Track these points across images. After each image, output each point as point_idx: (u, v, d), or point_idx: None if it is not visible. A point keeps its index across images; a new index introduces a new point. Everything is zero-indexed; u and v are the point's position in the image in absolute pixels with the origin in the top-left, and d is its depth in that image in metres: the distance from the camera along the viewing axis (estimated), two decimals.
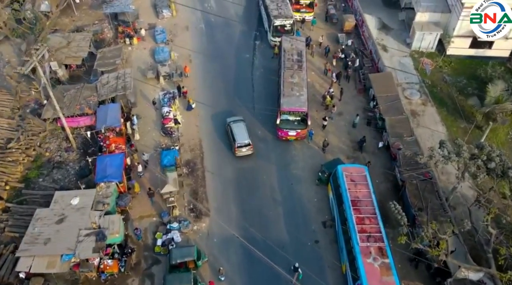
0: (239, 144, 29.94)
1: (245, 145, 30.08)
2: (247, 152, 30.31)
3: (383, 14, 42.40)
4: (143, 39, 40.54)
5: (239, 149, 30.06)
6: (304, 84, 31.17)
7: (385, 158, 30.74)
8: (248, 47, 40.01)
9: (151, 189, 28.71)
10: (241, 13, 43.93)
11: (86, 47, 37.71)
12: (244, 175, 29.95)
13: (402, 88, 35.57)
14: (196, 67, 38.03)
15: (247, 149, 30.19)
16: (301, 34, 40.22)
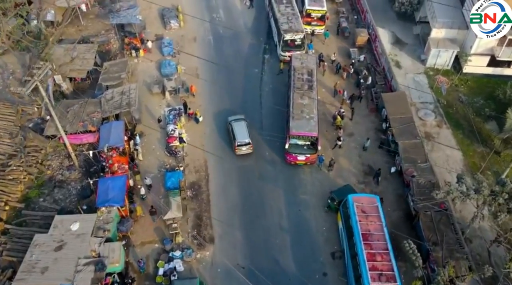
0: (239, 142, 30.30)
1: (245, 144, 30.40)
2: (247, 150, 30.66)
3: (396, 28, 41.06)
4: (150, 51, 39.57)
5: (239, 148, 30.45)
6: (314, 106, 29.98)
7: (397, 183, 29.50)
8: (257, 61, 38.87)
9: (153, 207, 27.90)
10: (250, 25, 42.77)
11: (91, 59, 36.83)
12: (251, 199, 28.90)
13: (416, 108, 34.23)
14: (202, 82, 36.98)
15: (247, 148, 30.55)
16: (313, 46, 39.06)
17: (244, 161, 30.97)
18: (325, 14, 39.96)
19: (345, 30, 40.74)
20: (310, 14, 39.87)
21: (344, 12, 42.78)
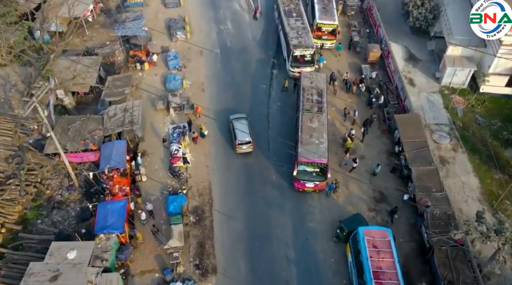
0: (239, 141, 30.49)
1: (246, 143, 30.55)
2: (247, 149, 30.84)
3: (410, 43, 39.57)
4: (155, 64, 38.48)
5: (239, 146, 30.64)
6: (324, 129, 28.61)
7: (410, 212, 28.05)
8: (265, 77, 37.60)
9: (154, 226, 27.01)
10: (259, 37, 41.52)
11: (95, 72, 35.84)
12: (256, 226, 27.63)
13: (430, 130, 32.75)
14: (208, 98, 35.83)
15: (248, 146, 30.70)
16: (324, 59, 37.75)
17: (250, 185, 29.72)
18: (337, 28, 38.56)
19: (357, 45, 39.32)
20: (320, 28, 38.51)
21: (356, 26, 41.35)
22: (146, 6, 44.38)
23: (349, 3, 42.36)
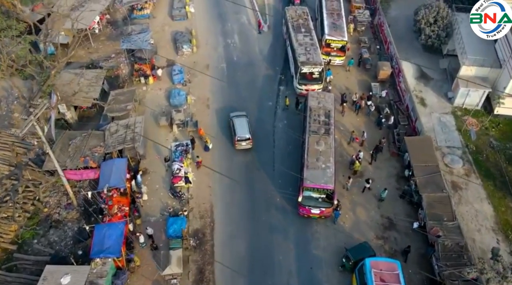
0: (239, 137, 30.97)
1: (245, 139, 31.07)
2: (247, 146, 31.34)
3: (422, 60, 38.40)
4: (159, 78, 37.74)
5: (239, 143, 31.17)
6: (331, 153, 27.49)
7: (420, 241, 26.74)
8: (272, 93, 36.67)
9: (154, 242, 26.39)
10: (266, 52, 40.67)
11: (99, 86, 35.22)
12: (259, 252, 26.52)
13: (442, 153, 31.50)
14: (213, 114, 34.97)
15: (247, 143, 31.21)
16: (331, 73, 36.84)
17: (253, 208, 28.68)
18: (346, 44, 37.57)
19: (366, 62, 38.28)
20: (329, 44, 37.56)
21: (366, 42, 40.32)
22: (153, 18, 43.88)
23: (359, 19, 41.42)
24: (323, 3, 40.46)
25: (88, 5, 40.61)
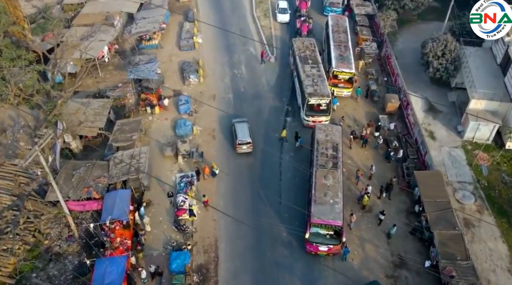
0: (240, 141, 32.61)
1: (246, 143, 32.66)
2: (247, 149, 32.90)
3: (430, 93, 38.18)
4: (166, 108, 37.63)
5: (239, 146, 32.73)
6: (339, 187, 26.84)
7: (432, 281, 25.64)
8: (278, 124, 36.34)
9: (159, 267, 25.64)
10: (273, 82, 40.63)
11: (105, 116, 35.11)
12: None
13: (453, 188, 30.76)
14: (218, 145, 34.60)
15: (247, 147, 32.79)
16: (337, 101, 36.80)
17: (259, 243, 27.86)
18: (353, 76, 37.46)
19: (374, 94, 38.04)
20: (337, 76, 37.47)
21: (373, 74, 40.23)
22: (160, 48, 44.21)
23: (366, 51, 41.48)
24: (330, 35, 40.65)
25: (97, 36, 41.10)
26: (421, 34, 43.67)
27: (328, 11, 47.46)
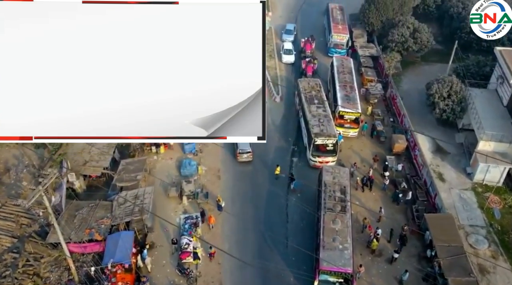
0: (240, 150, 34.86)
1: (246, 152, 34.97)
2: (247, 158, 35.18)
3: (437, 134, 37.86)
4: (171, 147, 37.40)
5: (240, 155, 35.05)
6: (348, 232, 26.06)
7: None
8: (284, 165, 35.87)
9: None
10: (279, 122, 40.59)
11: (109, 155, 34.85)
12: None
13: (465, 232, 29.88)
14: (224, 185, 34.08)
15: (247, 156, 35.08)
16: (342, 137, 36.68)
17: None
18: (359, 116, 37.42)
19: (380, 134, 37.84)
20: (343, 116, 37.44)
21: (379, 114, 40.21)
22: None
23: (371, 91, 41.66)
24: (335, 76, 41.00)
25: None
26: (425, 75, 44.00)
27: (332, 52, 48.14)
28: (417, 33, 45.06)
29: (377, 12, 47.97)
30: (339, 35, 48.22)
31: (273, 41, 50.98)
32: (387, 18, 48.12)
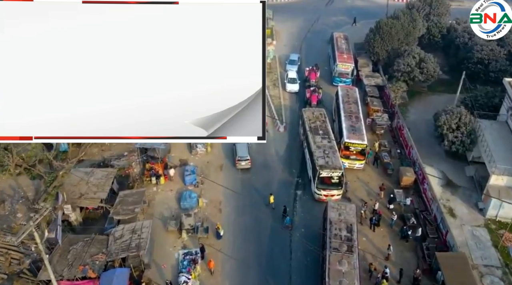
0: (239, 157, 36.24)
1: (245, 159, 36.34)
2: (246, 165, 36.46)
3: (446, 167, 36.67)
4: (171, 178, 36.29)
5: (239, 162, 36.38)
6: (355, 275, 24.43)
7: None
8: (288, 198, 34.66)
9: None
10: (283, 153, 39.54)
11: (108, 186, 33.74)
12: None
13: (480, 273, 28.24)
14: (225, 219, 32.72)
15: (246, 163, 36.37)
16: (346, 165, 35.43)
17: None
18: (366, 148, 36.31)
19: (387, 167, 36.62)
20: (349, 148, 36.32)
21: (386, 146, 39.06)
22: None
23: (378, 122, 40.69)
24: (340, 106, 40.16)
25: None
26: (432, 105, 43.13)
27: (337, 82, 47.53)
28: (423, 63, 44.44)
29: (382, 42, 47.57)
30: (344, 64, 47.71)
31: (277, 70, 50.55)
32: (393, 48, 47.66)
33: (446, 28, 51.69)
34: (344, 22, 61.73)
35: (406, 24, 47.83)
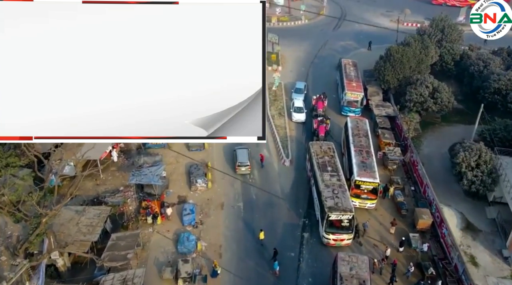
0: (239, 163, 37.07)
1: (244, 165, 37.12)
2: (246, 171, 37.26)
3: (465, 208, 33.98)
4: (168, 218, 33.82)
5: (239, 168, 37.13)
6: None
7: None
8: (294, 241, 32.04)
9: None
10: (288, 190, 36.98)
11: (99, 227, 31.33)
12: None
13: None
14: (225, 265, 30.00)
15: (246, 168, 37.12)
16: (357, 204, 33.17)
17: None
18: (378, 186, 33.70)
19: (401, 207, 33.95)
20: (359, 186, 33.76)
21: (399, 183, 36.40)
22: (168, 148, 41.51)
23: (390, 156, 38.13)
24: (350, 139, 37.78)
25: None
26: (447, 137, 40.83)
27: (346, 111, 45.30)
28: (437, 92, 42.14)
29: (393, 70, 45.38)
30: (353, 93, 45.48)
31: (282, 98, 48.37)
32: (404, 76, 45.44)
33: (460, 55, 49.47)
34: (352, 47, 59.78)
35: (418, 51, 45.68)
